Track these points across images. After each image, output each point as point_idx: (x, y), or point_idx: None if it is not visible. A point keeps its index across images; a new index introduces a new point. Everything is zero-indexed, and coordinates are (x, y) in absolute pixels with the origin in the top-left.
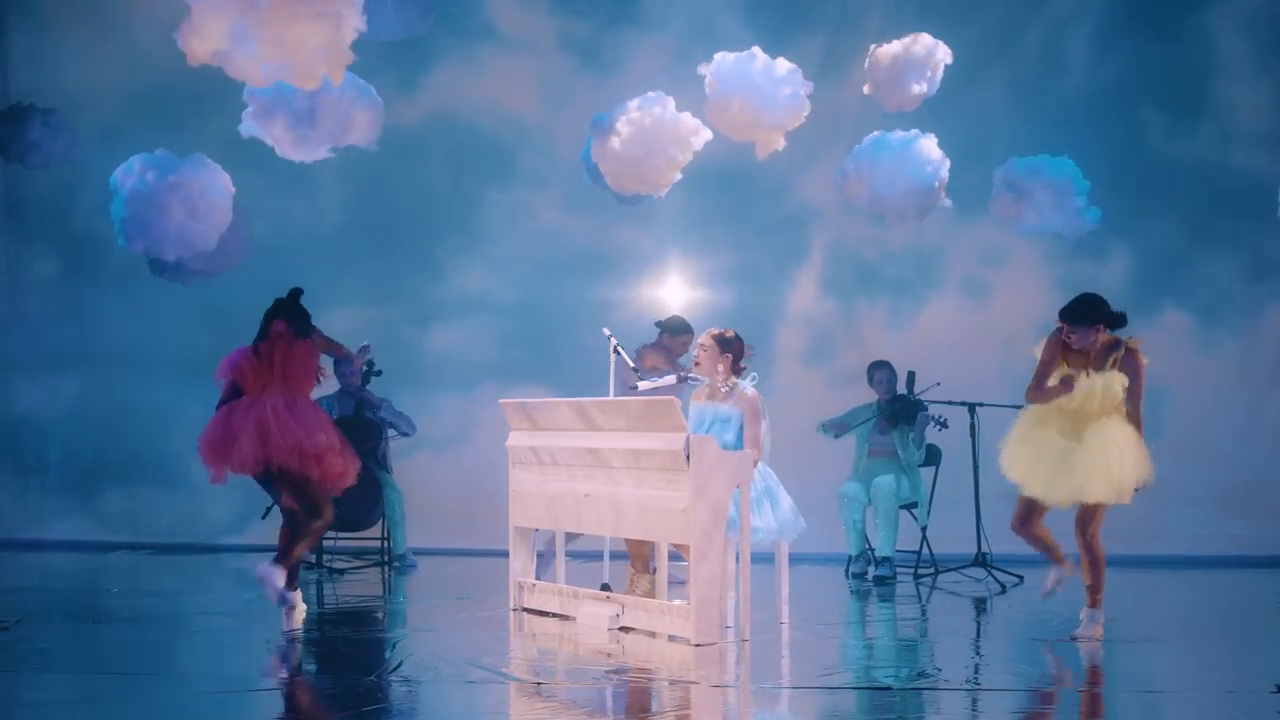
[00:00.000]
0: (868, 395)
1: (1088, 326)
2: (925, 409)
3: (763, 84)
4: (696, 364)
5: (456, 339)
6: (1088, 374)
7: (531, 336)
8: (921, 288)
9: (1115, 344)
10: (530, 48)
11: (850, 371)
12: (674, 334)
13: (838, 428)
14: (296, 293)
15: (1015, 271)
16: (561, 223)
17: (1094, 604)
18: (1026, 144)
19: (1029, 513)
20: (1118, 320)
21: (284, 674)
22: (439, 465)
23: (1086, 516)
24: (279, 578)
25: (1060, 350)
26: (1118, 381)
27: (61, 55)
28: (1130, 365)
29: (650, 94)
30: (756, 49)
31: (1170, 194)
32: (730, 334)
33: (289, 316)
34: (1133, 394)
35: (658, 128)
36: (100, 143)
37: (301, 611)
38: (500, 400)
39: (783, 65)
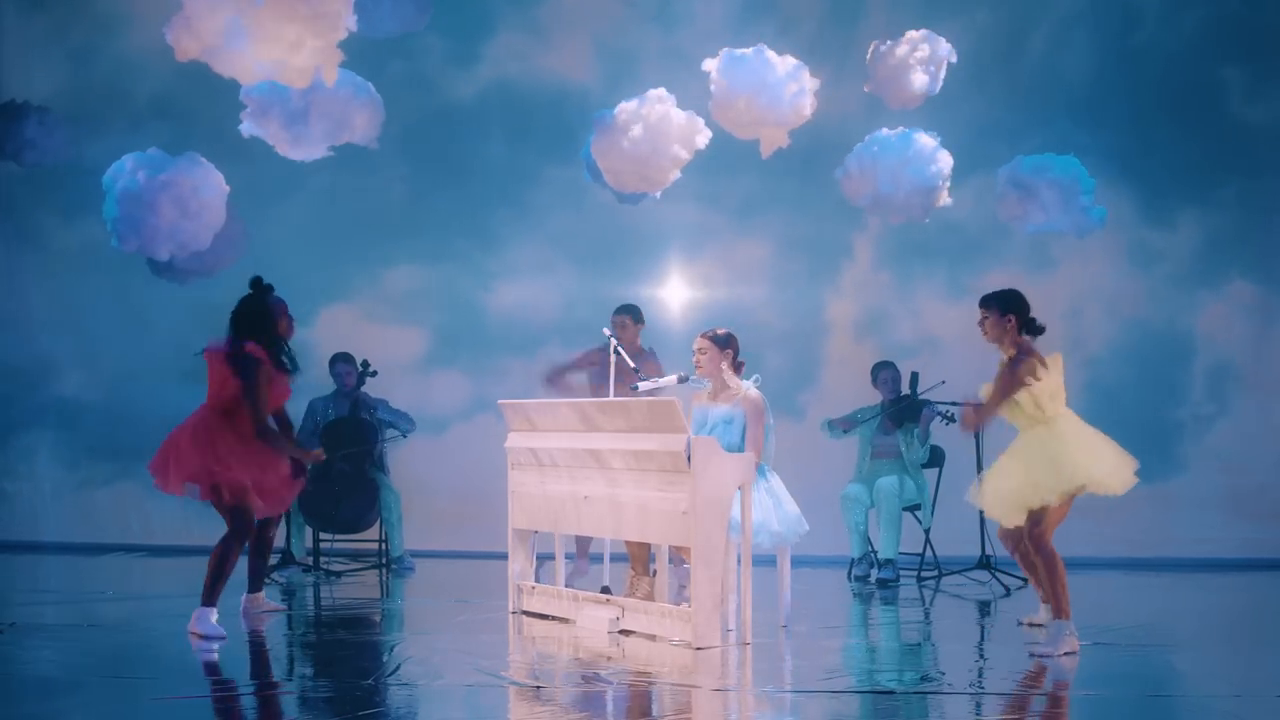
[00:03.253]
0: (873, 396)
1: (999, 314)
2: (929, 405)
3: (769, 81)
4: (698, 367)
5: (519, 300)
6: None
7: (592, 300)
8: (985, 256)
9: (1015, 358)
10: (591, 15)
11: (905, 346)
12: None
13: (845, 423)
14: (262, 286)
15: (1080, 240)
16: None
17: (1058, 614)
18: (1050, 134)
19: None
20: (1033, 325)
21: (281, 677)
22: (437, 466)
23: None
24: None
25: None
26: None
27: (56, 53)
28: (1006, 373)
29: (652, 91)
30: (763, 45)
31: (1245, 158)
32: (724, 331)
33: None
34: (992, 394)
35: (662, 126)
36: (95, 141)
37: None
38: (499, 401)
39: (788, 62)
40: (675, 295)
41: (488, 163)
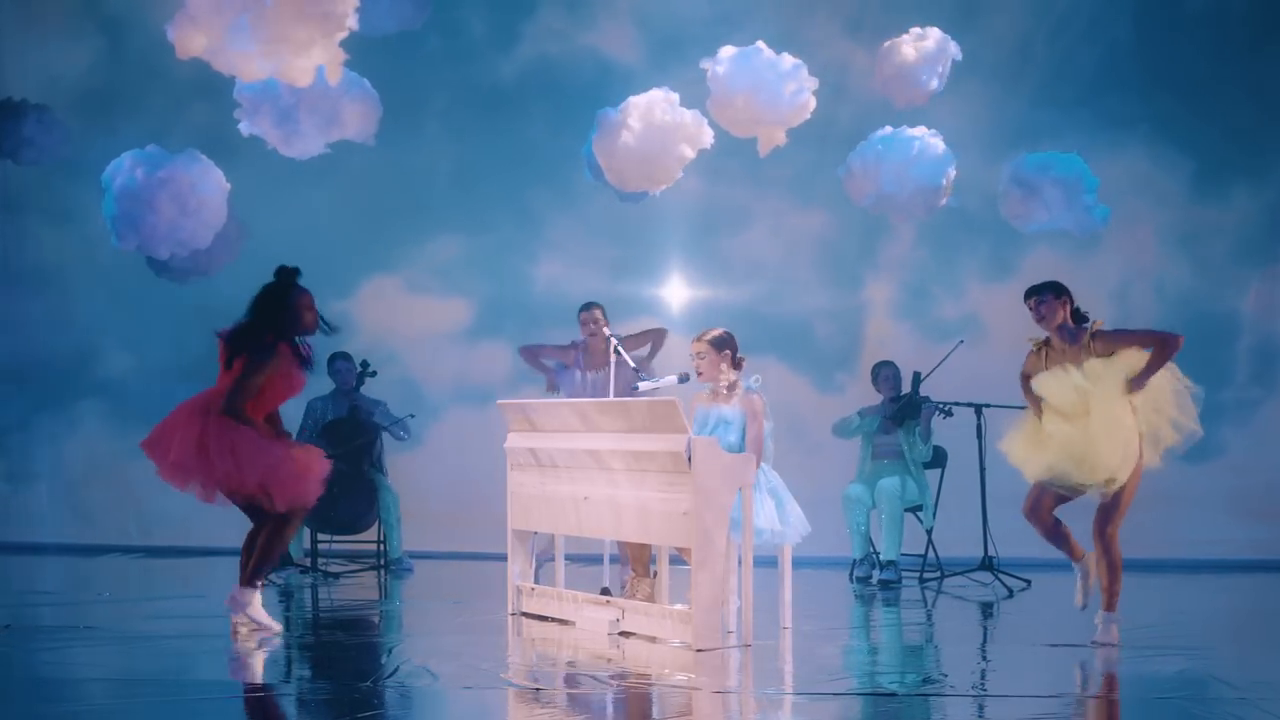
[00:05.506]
0: (873, 396)
1: (1055, 298)
2: (929, 403)
3: (769, 79)
4: (700, 373)
5: (563, 271)
6: (1064, 369)
7: (636, 272)
8: (1029, 233)
9: (1081, 329)
10: None
11: (946, 325)
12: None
13: (874, 410)
14: (288, 276)
15: (1127, 215)
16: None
17: (1110, 607)
18: (1099, 108)
19: (1039, 498)
20: (1079, 313)
21: (278, 680)
22: (435, 467)
23: (1106, 514)
24: (253, 600)
25: (1037, 360)
26: (1103, 368)
27: (54, 51)
28: (1101, 343)
29: (656, 90)
30: (761, 43)
31: None
32: (720, 332)
33: (267, 329)
34: (1137, 358)
35: (667, 124)
36: (94, 139)
37: (279, 628)
38: (498, 402)
39: (788, 60)
40: (715, 274)
41: (527, 140)
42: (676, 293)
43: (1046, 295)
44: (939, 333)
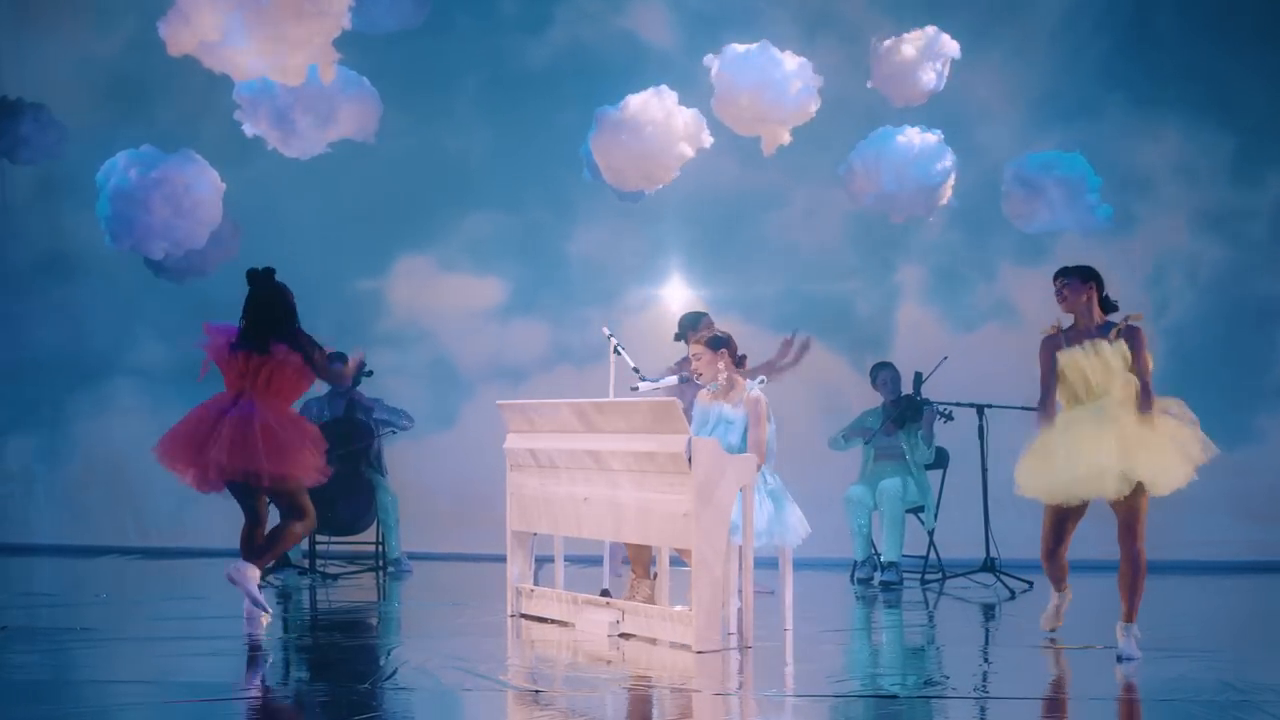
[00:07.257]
0: (874, 399)
1: (1080, 282)
2: (930, 405)
3: (775, 78)
4: (698, 375)
5: (598, 243)
6: (1082, 346)
7: (673, 250)
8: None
9: (1110, 323)
10: None
11: (977, 311)
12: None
13: (865, 433)
14: (270, 275)
15: (1160, 198)
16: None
17: (1132, 618)
18: (1129, 91)
19: (1060, 533)
20: (1108, 301)
21: (276, 682)
22: (434, 467)
23: (1131, 526)
24: (253, 576)
25: (1054, 349)
26: (1118, 355)
27: (50, 49)
28: (1131, 337)
29: (655, 88)
30: (766, 41)
31: None
32: (715, 332)
33: (276, 329)
34: (1138, 370)
35: (667, 123)
36: (90, 138)
37: (268, 619)
38: (498, 402)
39: (792, 59)
40: (748, 253)
41: (558, 122)
42: (709, 272)
43: (1073, 278)
44: (973, 316)
